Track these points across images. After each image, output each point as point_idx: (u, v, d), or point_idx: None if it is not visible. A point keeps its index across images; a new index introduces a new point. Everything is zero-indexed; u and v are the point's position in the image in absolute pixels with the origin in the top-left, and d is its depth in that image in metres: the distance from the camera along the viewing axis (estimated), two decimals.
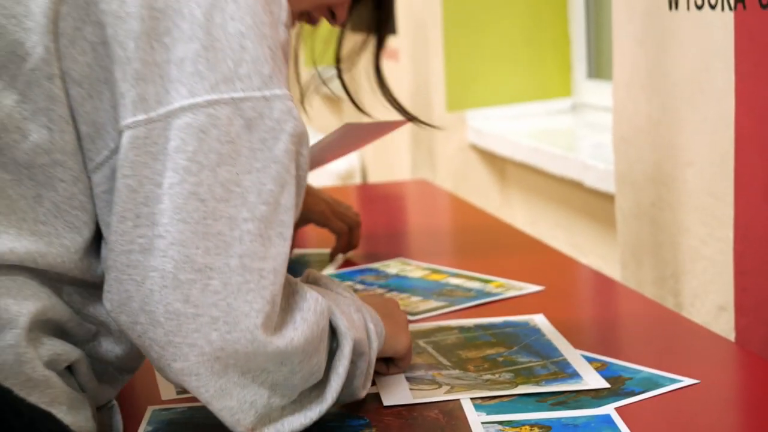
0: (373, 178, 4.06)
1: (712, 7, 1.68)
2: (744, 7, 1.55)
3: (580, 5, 3.05)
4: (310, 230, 1.88)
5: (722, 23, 1.66)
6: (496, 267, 1.67)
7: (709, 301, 1.75)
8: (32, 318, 0.96)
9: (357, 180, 4.15)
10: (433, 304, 1.50)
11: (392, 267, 1.73)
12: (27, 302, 0.96)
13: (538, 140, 2.76)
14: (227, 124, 0.94)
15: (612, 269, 2.19)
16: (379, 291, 1.59)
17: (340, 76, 1.48)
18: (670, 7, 1.80)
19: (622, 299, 1.60)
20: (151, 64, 0.94)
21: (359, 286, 1.62)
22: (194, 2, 0.95)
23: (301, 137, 0.99)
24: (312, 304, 1.01)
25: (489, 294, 1.53)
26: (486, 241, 1.92)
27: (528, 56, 3.11)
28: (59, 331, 1.00)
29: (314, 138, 1.44)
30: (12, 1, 0.96)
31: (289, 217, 0.98)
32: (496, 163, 3.10)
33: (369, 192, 2.71)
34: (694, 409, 1.13)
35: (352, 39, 1.43)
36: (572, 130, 2.96)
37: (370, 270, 1.72)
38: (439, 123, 3.13)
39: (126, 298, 0.93)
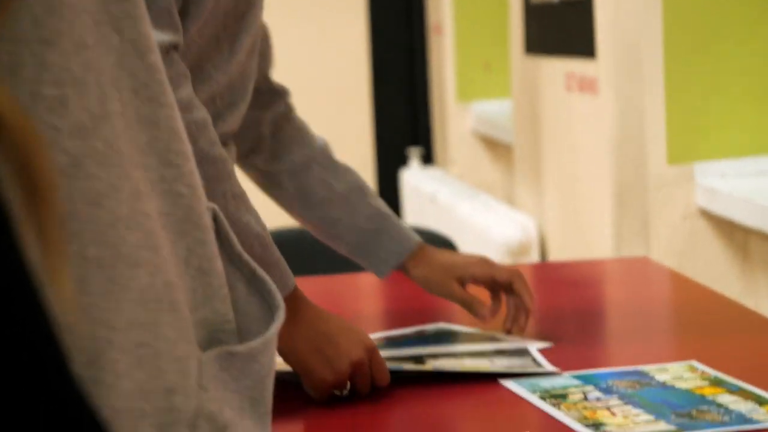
0: (556, 254, 3.53)
1: None
2: None
3: None
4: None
5: None
6: None
7: None
8: None
9: (534, 256, 3.61)
10: (660, 426, 1.34)
11: (668, 373, 1.54)
12: None
13: None
14: None
15: None
16: (614, 403, 1.41)
17: None
18: None
19: None
20: None
21: (594, 393, 1.45)
22: None
23: None
24: None
25: (750, 421, 1.33)
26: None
27: None
28: None
29: None
30: None
31: None
32: (736, 234, 2.54)
33: (575, 270, 2.30)
34: None
35: None
36: None
37: (637, 373, 1.53)
38: (657, 180, 2.66)
39: None
